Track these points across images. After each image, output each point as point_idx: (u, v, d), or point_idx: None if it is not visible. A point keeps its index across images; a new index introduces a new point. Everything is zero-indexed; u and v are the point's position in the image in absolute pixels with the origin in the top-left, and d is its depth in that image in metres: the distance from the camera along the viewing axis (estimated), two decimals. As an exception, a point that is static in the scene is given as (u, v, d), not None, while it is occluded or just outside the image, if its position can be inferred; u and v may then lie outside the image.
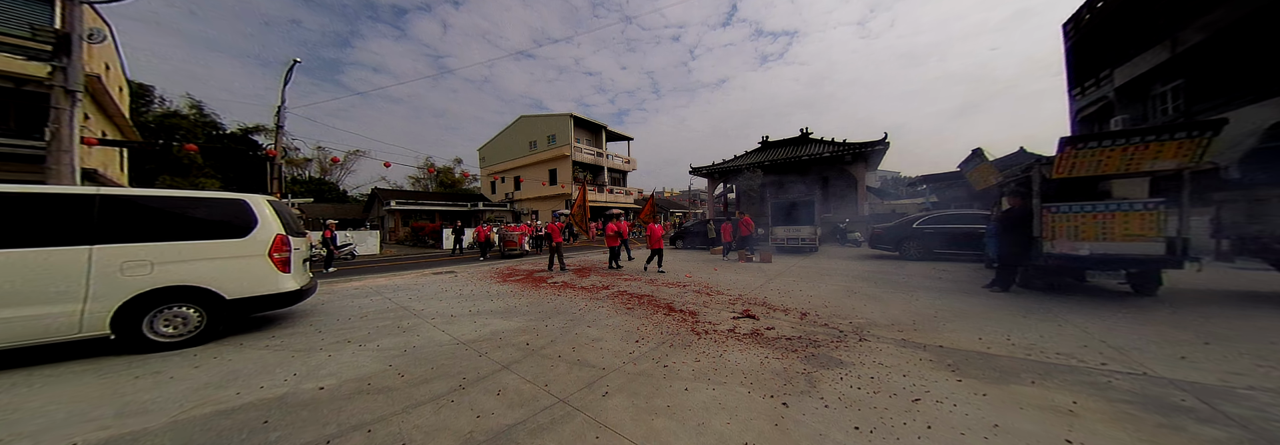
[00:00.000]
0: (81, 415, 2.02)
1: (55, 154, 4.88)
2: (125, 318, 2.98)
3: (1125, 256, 4.43)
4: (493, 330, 3.51)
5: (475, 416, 1.96)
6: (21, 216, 2.82)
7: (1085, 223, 4.68)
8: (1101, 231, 4.60)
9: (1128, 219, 4.50)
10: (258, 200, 3.69)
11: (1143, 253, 4.36)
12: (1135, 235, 4.46)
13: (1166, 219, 4.38)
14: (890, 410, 1.94)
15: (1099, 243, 4.58)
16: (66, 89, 5.05)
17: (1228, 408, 1.93)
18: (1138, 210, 4.45)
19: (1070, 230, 4.73)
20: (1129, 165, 4.42)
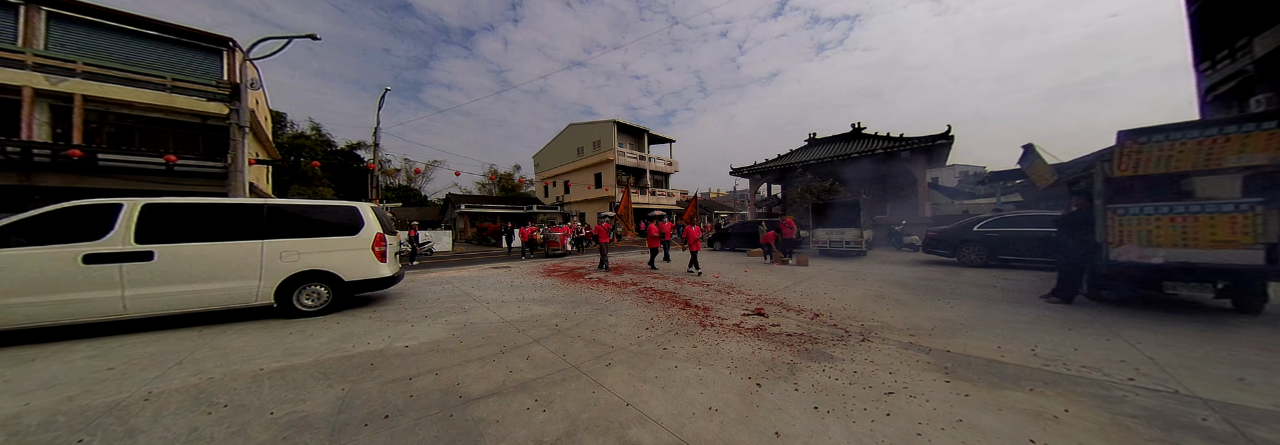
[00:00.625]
0: (263, 353, 3.01)
1: (233, 174, 6.65)
2: (282, 292, 4.15)
3: (1213, 266, 3.81)
4: (531, 314, 4.21)
5: (508, 371, 2.57)
6: (220, 219, 4.08)
7: (1161, 226, 4.10)
8: (1182, 237, 4.00)
9: (1215, 222, 3.87)
10: (364, 206, 4.80)
11: (1235, 262, 3.73)
12: (1225, 241, 3.84)
13: (1265, 222, 3.73)
14: (857, 398, 2.15)
15: (1178, 249, 4.01)
16: (239, 125, 6.85)
17: (1259, 432, 1.74)
18: (1228, 212, 3.81)
19: (1142, 235, 4.18)
20: (1208, 160, 3.87)
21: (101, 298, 3.46)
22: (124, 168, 9.80)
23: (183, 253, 3.75)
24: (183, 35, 11.75)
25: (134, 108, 10.80)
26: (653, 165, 26.92)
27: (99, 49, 10.74)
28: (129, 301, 3.55)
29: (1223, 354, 2.76)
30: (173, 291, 3.68)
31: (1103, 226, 4.35)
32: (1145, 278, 4.17)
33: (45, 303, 3.30)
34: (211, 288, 3.84)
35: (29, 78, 9.44)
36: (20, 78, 9.36)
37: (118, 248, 3.53)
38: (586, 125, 27.46)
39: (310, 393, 2.29)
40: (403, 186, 40.85)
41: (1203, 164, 3.91)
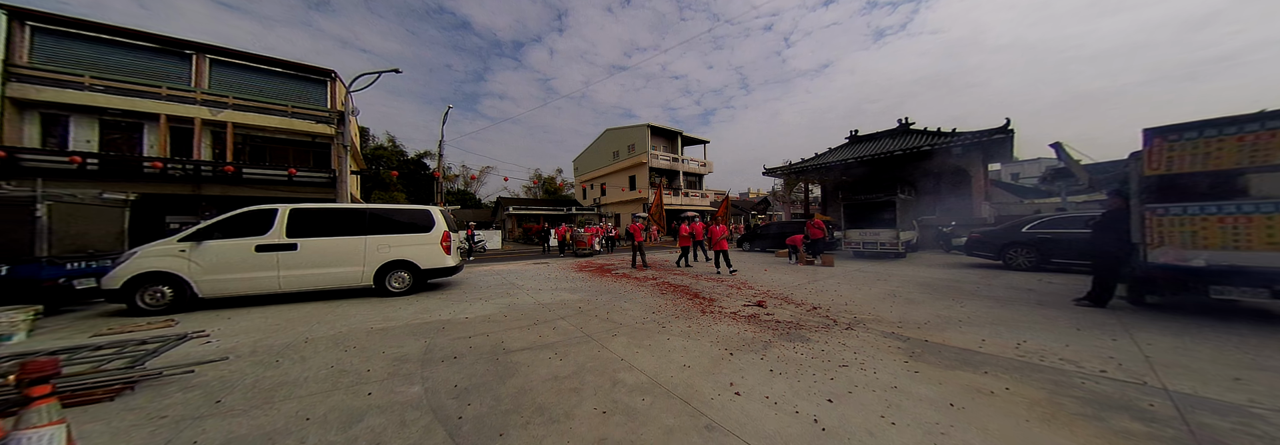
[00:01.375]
0: (370, 318, 4.13)
1: (339, 184, 8.35)
2: (378, 276, 5.40)
3: (1272, 270, 3.52)
4: (561, 299, 5.06)
5: (538, 336, 3.39)
6: (338, 220, 5.42)
7: (1208, 227, 3.91)
8: (1233, 238, 3.80)
9: (1273, 222, 3.67)
10: (435, 209, 5.99)
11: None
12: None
13: None
14: (810, 368, 2.65)
15: (1228, 252, 3.78)
16: (343, 145, 8.57)
17: (1205, 418, 1.84)
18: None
19: (1185, 236, 4.00)
20: (1254, 157, 3.68)
21: (266, 277, 4.87)
22: (260, 179, 12.38)
23: (315, 244, 5.10)
24: (297, 69, 14.42)
25: (265, 131, 13.52)
26: (686, 166, 27.29)
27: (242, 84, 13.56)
28: (282, 280, 4.94)
29: (1238, 359, 2.64)
30: (309, 273, 5.04)
31: (1139, 227, 4.21)
32: (1186, 281, 3.91)
33: (234, 279, 4.75)
34: (333, 271, 5.16)
35: (198, 111, 12.27)
36: (193, 111, 12.19)
37: (276, 240, 4.93)
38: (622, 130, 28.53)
39: (405, 342, 3.27)
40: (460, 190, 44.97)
41: (1249, 161, 3.73)
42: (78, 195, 4.92)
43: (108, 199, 5.34)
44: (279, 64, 13.98)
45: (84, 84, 10.99)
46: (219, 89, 12.82)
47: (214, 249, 4.69)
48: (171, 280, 4.48)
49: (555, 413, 1.99)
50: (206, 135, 12.59)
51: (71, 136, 11.13)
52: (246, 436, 1.82)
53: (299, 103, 13.96)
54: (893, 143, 15.87)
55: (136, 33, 11.81)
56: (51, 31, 11.21)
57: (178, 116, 11.91)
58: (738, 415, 1.94)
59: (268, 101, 13.20)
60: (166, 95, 11.84)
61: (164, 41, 12.15)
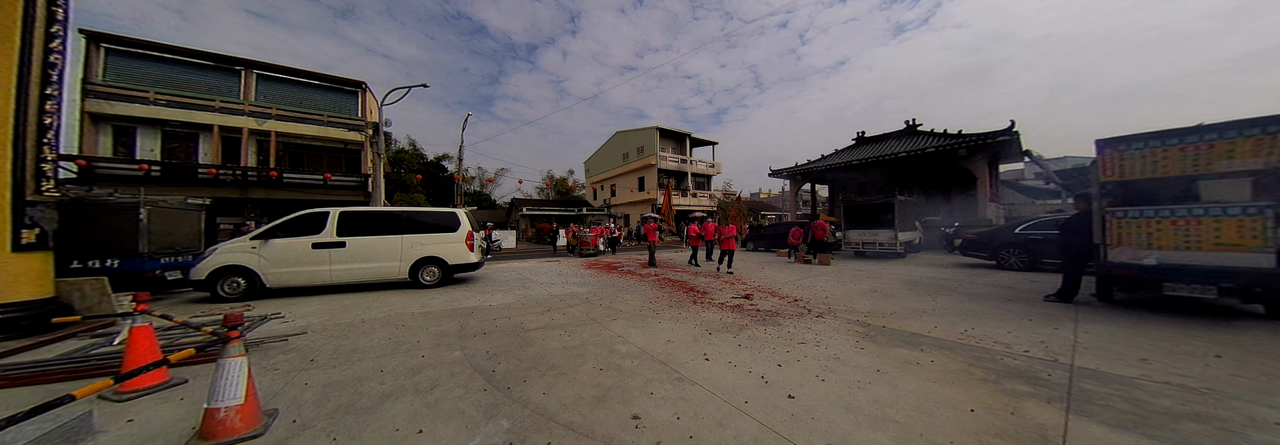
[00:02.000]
0: (411, 304, 4.85)
1: (374, 190, 9.24)
2: (413, 271, 6.16)
3: (1216, 268, 3.85)
4: (570, 291, 5.71)
5: (550, 319, 4.03)
6: (380, 221, 6.20)
7: (1162, 229, 4.27)
8: (1185, 239, 4.15)
9: (1220, 225, 4.01)
10: (460, 211, 6.73)
11: (1242, 265, 3.75)
12: (1232, 244, 3.94)
13: (1273, 226, 3.77)
14: (772, 344, 3.21)
15: (1179, 252, 4.13)
16: (377, 153, 9.46)
17: (1088, 384, 2.24)
18: (1235, 215, 3.92)
19: (1141, 237, 4.37)
20: (1196, 166, 4.04)
21: (320, 270, 5.67)
22: (299, 184, 13.49)
23: (361, 242, 5.89)
24: (332, 82, 15.56)
25: (303, 138, 14.67)
26: (694, 168, 27.76)
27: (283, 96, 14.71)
28: (333, 273, 5.73)
29: (1156, 345, 2.98)
30: (356, 267, 5.83)
31: (1101, 229, 4.58)
32: (1141, 279, 4.26)
33: (295, 271, 5.56)
34: (376, 266, 5.94)
35: (246, 121, 13.45)
36: (241, 122, 13.38)
37: (328, 238, 5.73)
38: (632, 132, 29.19)
39: (442, 322, 3.96)
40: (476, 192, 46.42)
41: (1191, 169, 4.08)
42: (168, 200, 5.85)
43: (190, 204, 6.27)
44: (315, 77, 15.15)
45: (149, 98, 12.27)
46: (263, 101, 14.01)
47: (278, 246, 5.51)
48: (244, 273, 5.32)
49: (563, 368, 2.62)
50: (252, 143, 13.78)
51: (138, 146, 12.44)
52: (342, 381, 2.50)
53: (333, 112, 15.09)
54: (899, 144, 16.04)
55: (194, 51, 13.09)
56: (122, 52, 12.55)
57: (228, 127, 13.12)
58: (703, 373, 2.52)
59: (306, 112, 14.36)
60: (219, 107, 13.07)
61: (217, 59, 13.41)
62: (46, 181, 3.63)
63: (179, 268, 5.62)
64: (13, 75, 3.44)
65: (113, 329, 3.68)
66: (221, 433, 1.77)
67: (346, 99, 15.99)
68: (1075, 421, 1.85)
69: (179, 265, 5.65)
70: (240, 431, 1.80)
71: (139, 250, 5.24)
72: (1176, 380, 2.33)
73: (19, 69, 3.48)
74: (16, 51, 3.47)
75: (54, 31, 3.83)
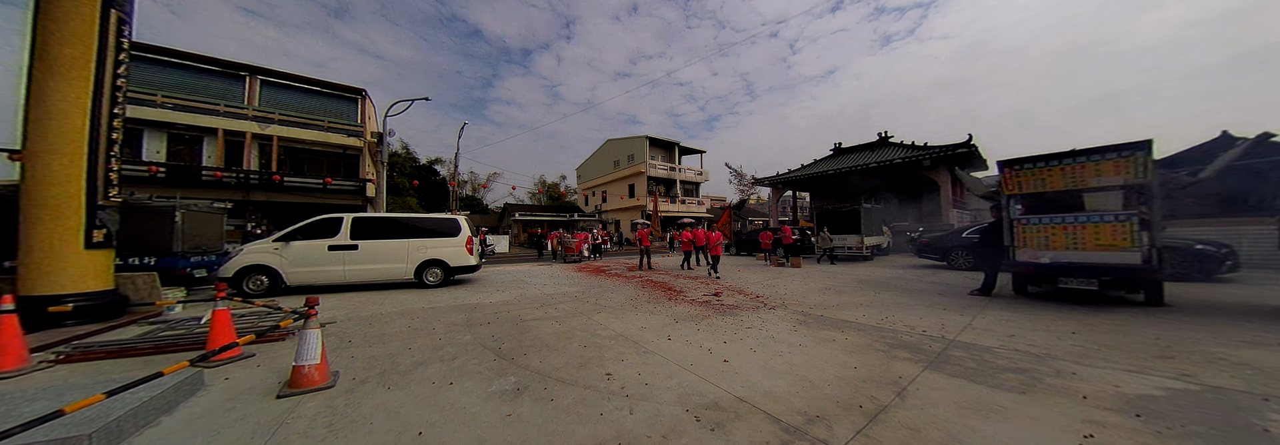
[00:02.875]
0: (419, 301, 5.47)
1: (377, 196, 9.81)
2: (417, 272, 6.77)
3: (1094, 265, 4.71)
4: (561, 291, 6.39)
5: (544, 312, 4.71)
6: (388, 226, 6.81)
7: (1056, 233, 5.12)
8: (1073, 241, 5.00)
9: (1099, 230, 4.85)
10: (461, 218, 7.38)
11: (1117, 262, 4.58)
12: (1109, 245, 4.78)
13: (1138, 230, 4.60)
14: (724, 328, 3.92)
15: (1068, 252, 4.97)
16: (381, 162, 10.05)
17: (956, 352, 3.07)
18: (1110, 222, 4.78)
19: (1041, 240, 5.21)
20: (1075, 182, 4.91)
21: (335, 270, 6.26)
22: (300, 187, 13.95)
23: (371, 245, 6.49)
24: (333, 88, 16.08)
25: (304, 143, 15.13)
26: (683, 175, 28.67)
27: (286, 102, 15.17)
28: (347, 273, 6.32)
29: (1036, 325, 3.76)
30: (367, 268, 6.42)
31: (1010, 234, 5.43)
32: (1041, 274, 5.13)
33: (313, 271, 6.14)
34: (384, 267, 6.55)
35: (249, 126, 13.89)
36: (245, 126, 13.82)
37: (343, 241, 6.33)
38: (622, 140, 30.06)
39: (451, 315, 4.61)
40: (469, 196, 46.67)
41: (1072, 184, 4.95)
42: (197, 204, 6.39)
43: (215, 207, 6.81)
44: (317, 83, 15.68)
45: (156, 102, 12.67)
46: (267, 106, 14.48)
47: (298, 248, 6.09)
48: (268, 271, 5.88)
49: (555, 346, 3.31)
50: (255, 147, 14.21)
51: (144, 148, 12.80)
52: (378, 355, 3.15)
53: (333, 118, 15.62)
54: (871, 155, 17.11)
55: (201, 57, 13.56)
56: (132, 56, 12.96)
57: (232, 130, 13.56)
58: (664, 347, 3.23)
59: (307, 117, 14.87)
60: (224, 112, 13.51)
61: (223, 64, 13.88)
62: (112, 188, 4.22)
63: (204, 266, 6.15)
64: (88, 98, 4.05)
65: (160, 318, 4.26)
66: (305, 383, 2.42)
67: (347, 105, 16.53)
68: (926, 374, 2.60)
69: (205, 264, 6.18)
70: (319, 383, 2.46)
71: (174, 249, 5.77)
72: (1025, 349, 3.11)
73: (93, 92, 4.10)
74: (92, 78, 4.09)
75: (122, 59, 4.46)
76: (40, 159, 3.79)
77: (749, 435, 1.83)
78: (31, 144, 3.81)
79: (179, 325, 3.90)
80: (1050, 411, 2.02)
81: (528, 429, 1.91)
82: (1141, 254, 4.46)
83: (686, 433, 1.86)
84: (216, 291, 3.08)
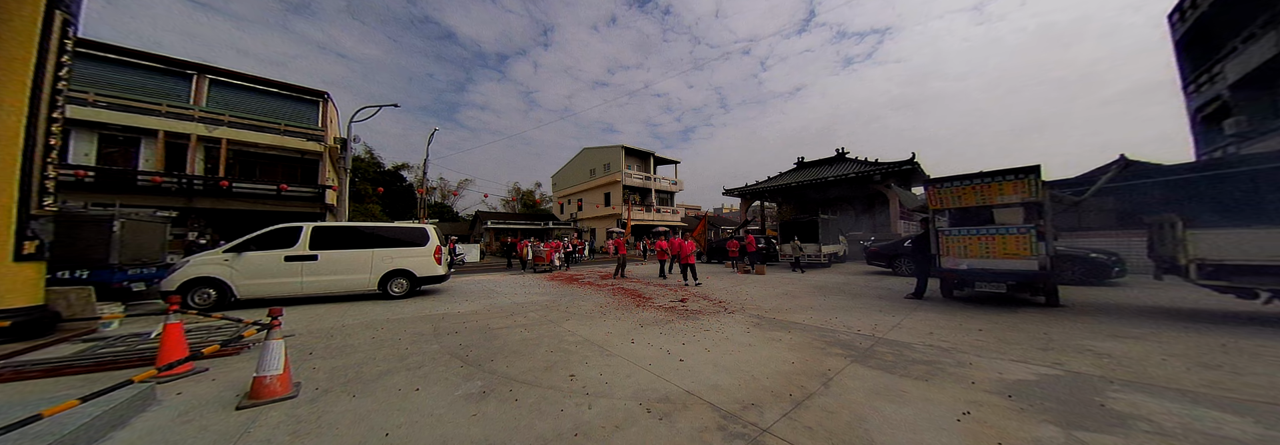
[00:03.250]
0: (384, 313, 5.40)
1: (339, 204, 9.49)
2: (382, 283, 6.63)
3: (1001, 271, 5.43)
4: (531, 299, 6.47)
5: (513, 321, 4.81)
6: (350, 236, 6.65)
7: (972, 244, 5.83)
8: (985, 250, 5.71)
9: (1005, 241, 5.59)
10: (430, 227, 7.32)
11: (1019, 268, 5.31)
12: (1012, 254, 5.51)
13: (1036, 241, 5.35)
14: (685, 331, 4.20)
15: (982, 260, 5.69)
16: (344, 169, 9.76)
17: (881, 347, 3.53)
18: (1014, 233, 5.54)
19: (960, 249, 5.91)
20: (984, 199, 5.66)
21: (292, 282, 6.04)
22: (250, 194, 13.16)
23: (333, 255, 6.32)
24: (292, 90, 15.41)
25: (257, 147, 14.34)
26: (657, 184, 29.28)
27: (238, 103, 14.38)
28: (304, 285, 6.11)
29: (953, 324, 4.31)
30: (327, 279, 6.24)
31: (935, 243, 6.12)
32: (961, 280, 5.83)
33: (267, 283, 5.90)
34: (347, 278, 6.38)
35: (194, 127, 13.06)
36: (189, 128, 12.97)
37: (301, 252, 6.13)
38: (598, 149, 30.40)
39: (417, 325, 4.61)
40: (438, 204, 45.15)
41: (981, 201, 5.69)
42: (139, 213, 5.98)
43: (158, 216, 6.38)
44: (275, 85, 14.99)
45: (88, 100, 11.69)
46: (216, 107, 13.67)
47: (252, 259, 5.85)
48: (216, 284, 5.60)
49: (522, 352, 3.45)
50: (200, 150, 13.33)
51: (71, 150, 11.68)
52: (342, 366, 3.17)
53: (291, 121, 14.91)
54: (830, 169, 18.34)
55: (144, 54, 12.68)
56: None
57: (175, 132, 12.68)
58: (626, 350, 3.46)
59: (262, 120, 14.13)
60: (166, 112, 12.63)
61: (168, 62, 13.03)
62: (48, 197, 3.98)
63: (143, 279, 5.74)
64: (25, 102, 3.86)
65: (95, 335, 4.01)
66: (267, 394, 2.45)
67: (306, 108, 15.83)
68: (852, 367, 2.98)
69: (144, 277, 5.77)
70: (280, 393, 2.49)
71: (110, 262, 5.37)
72: (937, 344, 3.58)
73: (31, 96, 3.91)
74: (31, 81, 3.91)
75: (64, 61, 4.27)
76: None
77: (691, 421, 2.09)
78: (-47, 149, 3.58)
79: (118, 342, 3.70)
80: (942, 394, 2.42)
81: (491, 426, 2.08)
82: (1039, 261, 5.20)
83: (637, 422, 2.09)
84: (169, 305, 3.02)
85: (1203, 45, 11.87)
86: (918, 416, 2.12)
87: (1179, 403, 2.23)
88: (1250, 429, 1.92)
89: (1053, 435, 1.90)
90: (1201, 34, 11.63)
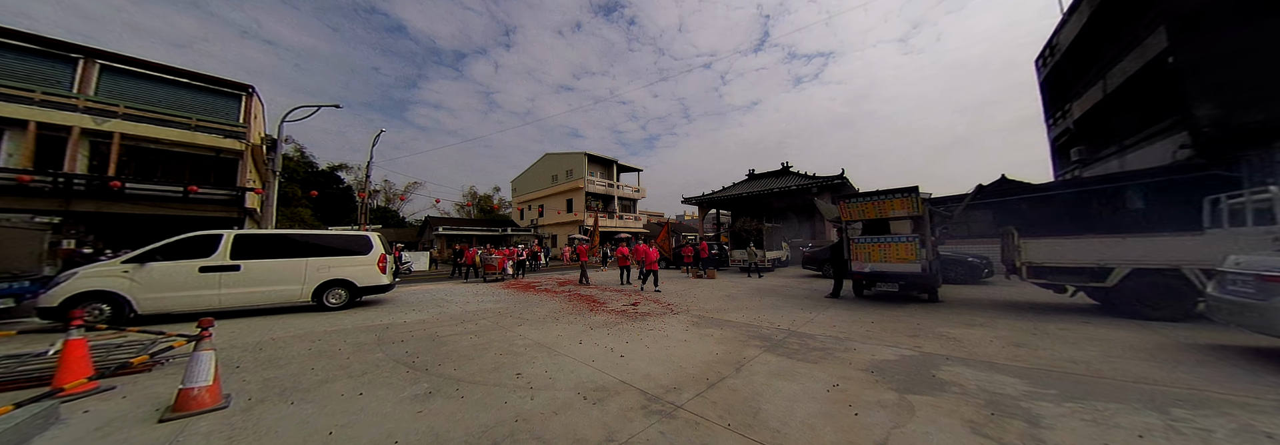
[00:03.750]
0: (320, 324, 5.17)
1: (266, 209, 8.74)
2: (317, 294, 6.28)
3: (894, 273, 6.48)
4: (484, 308, 6.49)
5: (464, 328, 4.87)
6: (279, 244, 6.25)
7: (873, 250, 6.86)
8: (883, 255, 6.75)
9: (897, 248, 6.65)
10: (374, 235, 7.06)
11: (907, 271, 6.38)
12: (902, 259, 6.57)
13: (919, 248, 6.45)
14: (631, 331, 4.56)
15: (881, 264, 6.71)
16: (273, 171, 9.02)
17: (790, 340, 4.12)
18: (903, 242, 6.61)
19: (866, 255, 6.92)
20: (881, 213, 6.73)
21: (207, 295, 5.55)
22: (149, 196, 11.59)
23: (258, 265, 5.90)
24: (209, 82, 13.89)
25: (160, 143, 12.71)
26: (620, 192, 29.77)
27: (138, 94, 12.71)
28: (223, 298, 5.63)
29: (854, 318, 5.12)
30: (251, 291, 5.80)
31: (847, 250, 7.09)
32: (867, 281, 6.86)
33: (177, 296, 5.37)
34: (274, 289, 5.97)
35: (78, 119, 11.35)
36: (71, 119, 11.25)
37: (220, 262, 5.67)
38: (561, 155, 30.33)
39: (359, 335, 4.52)
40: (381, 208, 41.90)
41: (879, 214, 6.74)
42: (11, 219, 5.15)
43: (36, 222, 5.52)
44: (188, 75, 13.44)
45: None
46: (108, 97, 11.97)
47: (158, 270, 5.31)
48: (111, 298, 5.01)
49: (471, 356, 3.60)
50: (84, 146, 11.57)
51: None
52: (276, 377, 3.12)
53: (205, 116, 13.39)
54: (776, 181, 19.97)
55: (12, 32, 10.82)
56: (-119, 21, 9.89)
57: (51, 124, 10.91)
58: (574, 350, 3.75)
59: (169, 113, 12.57)
60: (40, 101, 10.85)
61: (46, 42, 11.25)
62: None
63: (12, 295, 4.93)
64: None
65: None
66: (194, 405, 2.43)
67: (226, 102, 14.29)
68: (763, 355, 3.51)
69: (12, 291, 4.96)
70: (209, 405, 2.47)
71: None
72: (836, 334, 4.27)
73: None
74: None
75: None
76: None
77: (620, 404, 2.45)
78: None
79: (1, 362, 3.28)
80: (824, 373, 3.00)
81: (437, 420, 2.28)
82: (921, 265, 6.28)
83: (573, 408, 2.40)
84: (71, 320, 2.81)
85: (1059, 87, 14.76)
86: (799, 390, 2.65)
87: (985, 372, 2.99)
88: (1022, 387, 2.67)
89: (891, 398, 2.50)
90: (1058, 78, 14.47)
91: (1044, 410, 2.26)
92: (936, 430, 2.04)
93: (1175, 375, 2.83)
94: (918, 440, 1.95)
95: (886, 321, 4.90)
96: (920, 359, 3.34)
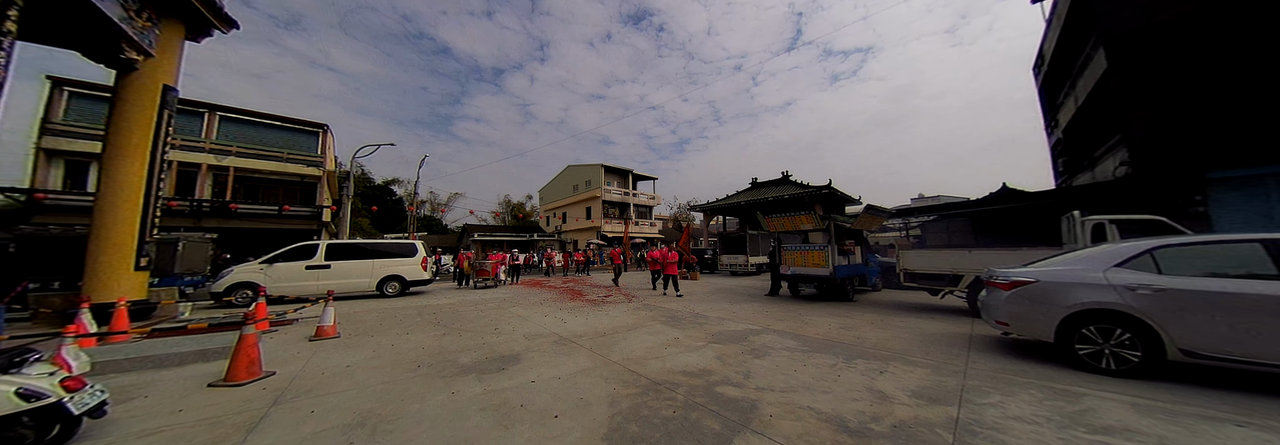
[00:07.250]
0: (382, 306, 7.47)
1: (340, 224, 11.48)
2: (379, 285, 8.68)
3: (811, 276, 7.77)
4: (495, 297, 8.62)
5: (477, 309, 6.95)
6: (354, 250, 8.71)
7: (797, 256, 8.22)
8: (804, 261, 8.11)
9: (814, 254, 8.00)
10: (419, 242, 9.43)
11: (822, 274, 7.68)
12: (816, 264, 7.89)
13: (830, 255, 7.75)
14: (593, 313, 6.39)
15: (802, 268, 8.04)
16: (346, 194, 11.78)
17: (687, 317, 5.82)
18: (818, 249, 7.93)
19: (792, 260, 8.31)
20: (797, 226, 8.11)
21: (310, 284, 8.04)
22: (253, 214, 14.97)
23: (342, 265, 8.36)
24: (295, 123, 17.41)
25: (261, 173, 16.22)
26: (636, 200, 31.70)
27: (245, 135, 16.28)
28: (320, 286, 8.11)
29: (782, 312, 6.60)
30: (337, 282, 8.26)
31: (778, 255, 8.52)
32: (793, 282, 8.25)
33: (291, 285, 7.89)
34: (352, 281, 8.41)
35: (204, 158, 14.93)
36: (200, 158, 14.84)
37: (318, 262, 8.16)
38: (580, 167, 32.80)
39: (407, 311, 6.71)
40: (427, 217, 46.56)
41: (797, 227, 8.13)
42: (192, 236, 7.94)
43: (206, 238, 8.34)
44: (279, 119, 17.00)
45: (114, 137, 13.47)
46: (224, 140, 15.57)
47: (280, 268, 7.85)
48: (252, 286, 7.58)
49: (473, 319, 5.63)
50: (209, 176, 15.15)
51: (90, 179, 13.38)
52: (361, 328, 5.27)
53: (293, 150, 16.88)
54: (775, 190, 21.02)
55: (164, 97, 14.58)
56: (84, 94, 13.82)
57: (187, 162, 14.51)
58: (539, 319, 5.67)
59: (266, 149, 16.08)
60: (180, 145, 14.48)
61: (185, 103, 14.94)
62: (153, 229, 6.01)
63: (193, 285, 7.65)
64: (146, 169, 5.95)
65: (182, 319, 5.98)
66: (325, 334, 4.56)
67: (307, 138, 17.83)
68: (656, 325, 5.23)
69: (193, 283, 7.68)
70: (331, 334, 4.60)
71: (174, 271, 7.27)
72: (724, 316, 5.89)
73: (149, 165, 6.01)
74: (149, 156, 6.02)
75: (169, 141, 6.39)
76: (111, 211, 5.61)
77: (543, 341, 4.31)
78: (103, 200, 5.63)
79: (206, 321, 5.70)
80: (680, 333, 4.70)
81: (444, 342, 4.26)
82: (830, 270, 7.59)
83: (516, 341, 4.30)
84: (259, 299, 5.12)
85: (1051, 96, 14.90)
86: (652, 340, 4.38)
87: (783, 338, 4.53)
88: (789, 343, 4.23)
89: (700, 344, 4.17)
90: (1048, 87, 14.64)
91: (781, 355, 3.82)
92: (698, 356, 3.72)
93: (910, 347, 3.93)
94: (683, 355, 3.65)
95: (777, 312, 6.41)
96: (754, 330, 4.91)
